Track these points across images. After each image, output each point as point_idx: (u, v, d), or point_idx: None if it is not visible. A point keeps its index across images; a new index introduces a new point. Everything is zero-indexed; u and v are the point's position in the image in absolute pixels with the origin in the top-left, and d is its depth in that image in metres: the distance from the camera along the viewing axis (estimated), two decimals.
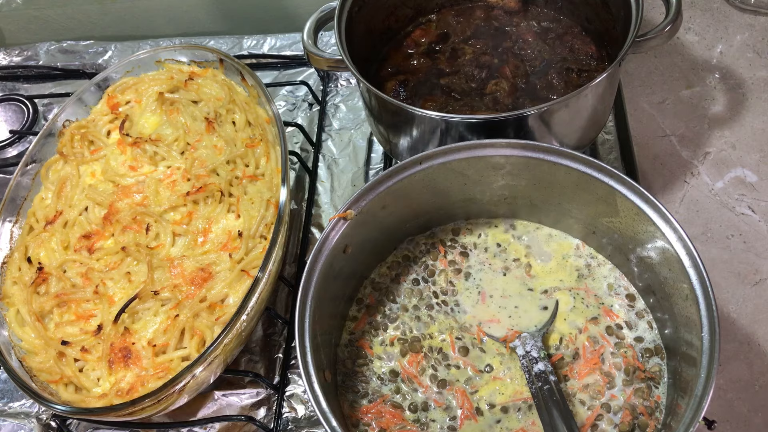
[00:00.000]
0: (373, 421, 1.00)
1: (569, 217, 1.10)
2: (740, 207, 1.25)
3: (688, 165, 1.32)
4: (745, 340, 1.12)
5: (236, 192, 1.17)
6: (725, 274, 1.18)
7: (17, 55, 1.72)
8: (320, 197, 1.37)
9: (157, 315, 1.08)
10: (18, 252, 1.19)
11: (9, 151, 1.54)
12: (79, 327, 1.10)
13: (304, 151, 1.44)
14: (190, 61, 1.37)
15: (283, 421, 1.13)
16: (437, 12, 1.38)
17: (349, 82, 1.54)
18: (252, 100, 1.29)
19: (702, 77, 1.43)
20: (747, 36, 1.48)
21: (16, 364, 1.06)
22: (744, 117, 1.36)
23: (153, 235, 1.15)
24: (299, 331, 0.90)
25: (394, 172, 1.02)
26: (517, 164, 1.03)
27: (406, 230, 1.14)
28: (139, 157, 1.25)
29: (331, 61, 1.17)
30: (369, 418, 1.00)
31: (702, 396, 0.80)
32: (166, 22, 1.82)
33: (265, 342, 1.20)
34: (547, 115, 1.06)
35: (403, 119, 1.13)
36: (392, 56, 1.33)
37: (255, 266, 1.09)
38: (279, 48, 1.62)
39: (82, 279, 1.14)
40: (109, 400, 1.01)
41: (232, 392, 1.15)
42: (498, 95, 1.20)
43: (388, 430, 0.99)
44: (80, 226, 1.20)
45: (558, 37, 1.28)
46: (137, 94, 1.34)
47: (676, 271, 0.91)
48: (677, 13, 1.09)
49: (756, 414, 1.06)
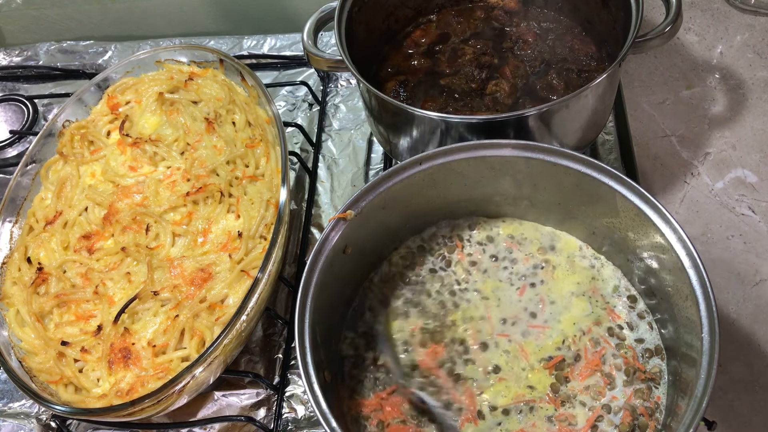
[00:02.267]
0: (372, 413, 1.00)
1: (570, 218, 1.09)
2: (740, 207, 1.25)
3: (688, 165, 1.32)
4: (745, 340, 1.11)
5: (236, 192, 1.17)
6: (725, 275, 1.18)
7: (17, 55, 1.72)
8: (320, 197, 1.37)
9: (156, 315, 1.08)
10: (18, 252, 1.19)
11: (9, 151, 1.54)
12: (79, 327, 1.10)
13: (304, 151, 1.44)
14: (190, 61, 1.37)
15: (282, 421, 1.12)
16: (437, 12, 1.38)
17: (349, 83, 1.54)
18: (252, 100, 1.29)
19: (702, 77, 1.43)
20: (747, 36, 1.48)
21: (16, 364, 1.06)
22: (744, 117, 1.36)
23: (153, 236, 1.15)
24: (299, 331, 0.90)
25: (394, 172, 1.02)
26: (517, 165, 1.02)
27: (406, 230, 1.13)
28: (139, 158, 1.25)
29: (331, 62, 1.17)
30: (368, 411, 1.00)
31: (702, 396, 0.80)
32: (166, 22, 1.82)
33: (264, 342, 1.20)
34: (547, 115, 1.06)
35: (403, 119, 1.13)
36: (392, 56, 1.33)
37: (255, 267, 1.09)
38: (279, 48, 1.62)
39: (82, 279, 1.14)
40: (109, 401, 1.01)
41: (232, 393, 1.15)
42: (498, 95, 1.20)
43: (386, 422, 0.99)
44: (80, 227, 1.20)
45: (558, 37, 1.28)
46: (137, 94, 1.34)
47: (676, 271, 0.90)
48: (677, 13, 1.09)
49: (756, 414, 1.05)
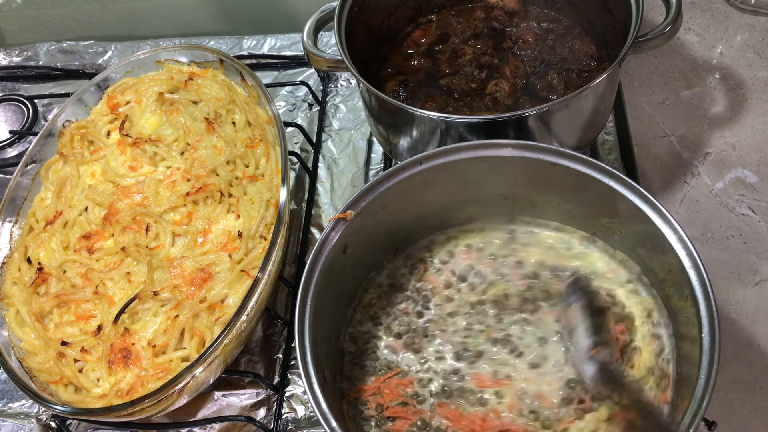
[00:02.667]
0: (371, 398, 0.99)
1: (570, 218, 1.09)
2: (740, 208, 1.25)
3: (688, 165, 1.31)
4: (745, 340, 1.11)
5: (236, 192, 1.17)
6: (725, 275, 1.18)
7: (17, 55, 1.71)
8: (320, 197, 1.37)
9: (156, 315, 1.08)
10: (18, 252, 1.19)
11: (9, 152, 1.53)
12: (79, 327, 1.10)
13: (304, 151, 1.44)
14: (190, 61, 1.37)
15: (283, 421, 1.12)
16: (437, 12, 1.38)
17: (349, 83, 1.54)
18: (252, 100, 1.29)
19: (702, 78, 1.43)
20: (747, 36, 1.48)
21: (16, 364, 1.06)
22: (744, 117, 1.36)
23: (153, 236, 1.15)
24: (299, 331, 0.90)
25: (394, 172, 1.02)
26: (517, 165, 1.02)
27: (406, 231, 1.13)
28: (138, 158, 1.25)
29: (331, 62, 1.17)
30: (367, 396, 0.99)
31: (702, 397, 0.79)
32: (166, 22, 1.82)
33: (264, 342, 1.20)
34: (547, 115, 1.06)
35: (402, 120, 1.13)
36: (392, 56, 1.33)
37: (255, 267, 1.09)
38: (279, 48, 1.62)
39: (82, 279, 1.14)
40: (109, 401, 1.00)
41: (232, 393, 1.15)
42: (498, 95, 1.20)
43: (385, 405, 0.98)
44: (80, 227, 1.20)
45: (558, 37, 1.28)
46: (137, 94, 1.34)
47: (676, 271, 0.90)
48: (677, 13, 1.09)
49: (756, 414, 1.05)
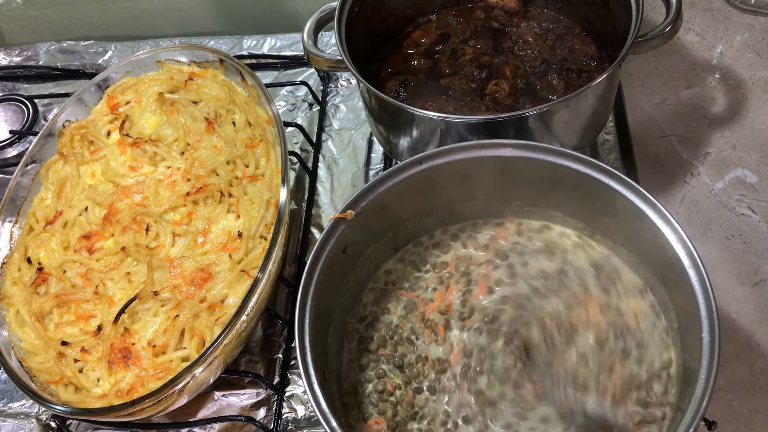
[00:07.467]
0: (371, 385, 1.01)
1: (570, 218, 1.09)
2: (740, 207, 1.25)
3: (688, 165, 1.31)
4: (745, 340, 1.11)
5: (236, 192, 1.17)
6: (725, 275, 1.18)
7: (17, 55, 1.71)
8: (320, 197, 1.37)
9: (156, 315, 1.08)
10: (18, 252, 1.19)
11: (9, 151, 1.53)
12: (79, 327, 1.10)
13: (304, 151, 1.44)
14: (190, 61, 1.37)
15: (283, 421, 1.12)
16: (437, 12, 1.38)
17: (349, 83, 1.54)
18: (252, 100, 1.29)
19: (702, 77, 1.43)
20: (747, 36, 1.48)
21: (16, 364, 1.06)
22: (744, 117, 1.36)
23: (153, 236, 1.15)
24: (299, 331, 0.90)
25: (394, 172, 1.02)
26: (517, 165, 1.02)
27: (406, 231, 1.13)
28: (139, 158, 1.25)
29: (331, 62, 1.17)
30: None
31: (702, 396, 0.79)
32: (166, 22, 1.82)
33: (264, 342, 1.20)
34: (547, 115, 1.06)
35: (403, 120, 1.13)
36: (392, 57, 1.33)
37: (255, 267, 1.09)
38: (279, 48, 1.62)
39: (82, 279, 1.14)
40: (109, 401, 1.01)
41: (232, 393, 1.15)
42: (498, 96, 1.20)
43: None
44: (80, 227, 1.20)
45: (558, 37, 1.28)
46: (137, 94, 1.34)
47: (676, 271, 0.90)
48: (677, 13, 1.09)
49: (756, 414, 1.05)
